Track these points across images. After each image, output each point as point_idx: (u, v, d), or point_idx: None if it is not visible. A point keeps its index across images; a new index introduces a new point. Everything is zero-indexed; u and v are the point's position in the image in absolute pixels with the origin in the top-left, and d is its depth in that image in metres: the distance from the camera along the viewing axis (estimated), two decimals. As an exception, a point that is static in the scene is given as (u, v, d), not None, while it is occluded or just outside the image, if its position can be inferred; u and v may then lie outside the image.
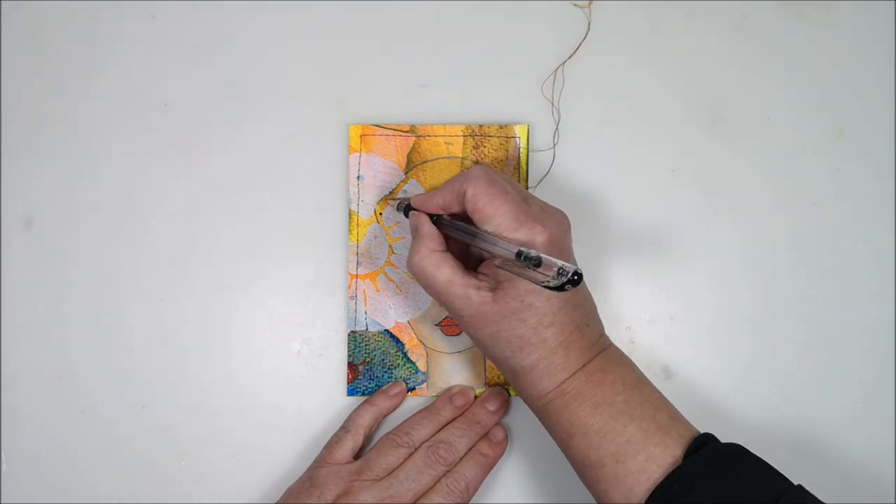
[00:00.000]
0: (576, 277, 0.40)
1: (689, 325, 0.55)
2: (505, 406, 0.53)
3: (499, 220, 0.45)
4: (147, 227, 0.54)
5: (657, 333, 0.55)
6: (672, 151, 0.55)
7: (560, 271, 0.40)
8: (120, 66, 0.54)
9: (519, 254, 0.42)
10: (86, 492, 0.53)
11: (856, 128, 0.55)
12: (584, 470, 0.45)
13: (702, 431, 0.45)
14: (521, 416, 0.54)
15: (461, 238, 0.47)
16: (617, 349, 0.48)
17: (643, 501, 0.42)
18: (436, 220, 0.48)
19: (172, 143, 0.54)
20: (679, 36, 0.55)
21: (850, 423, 0.55)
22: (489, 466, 0.51)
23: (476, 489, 0.50)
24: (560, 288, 0.40)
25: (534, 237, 0.44)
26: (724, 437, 0.47)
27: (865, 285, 0.55)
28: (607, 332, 0.49)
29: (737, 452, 0.44)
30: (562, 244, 0.46)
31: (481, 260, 0.49)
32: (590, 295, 0.48)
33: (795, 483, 0.43)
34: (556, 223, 0.46)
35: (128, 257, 0.54)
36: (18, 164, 0.54)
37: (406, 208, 0.51)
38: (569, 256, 0.47)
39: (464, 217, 0.47)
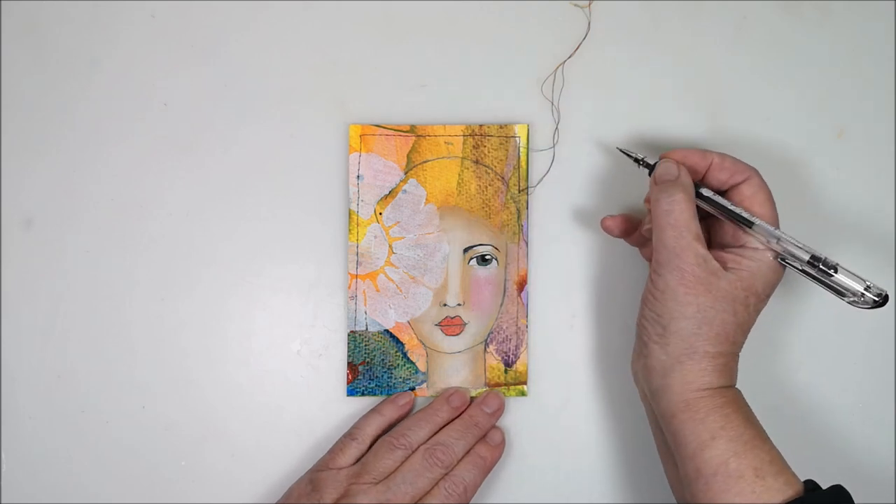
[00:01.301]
0: (878, 298, 0.40)
1: (689, 325, 0.55)
2: (502, 408, 0.53)
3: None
4: (147, 227, 0.54)
5: (657, 333, 0.55)
6: (672, 151, 0.55)
7: (868, 289, 0.40)
8: (120, 66, 0.54)
9: (815, 258, 0.42)
10: (86, 492, 0.53)
11: (856, 128, 0.55)
12: (714, 478, 0.43)
13: None
14: (519, 419, 0.54)
15: (726, 216, 0.47)
16: None
17: None
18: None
19: (172, 143, 0.54)
20: (679, 36, 0.55)
21: (850, 424, 0.55)
22: (487, 469, 0.51)
23: (474, 492, 0.50)
24: (873, 305, 0.40)
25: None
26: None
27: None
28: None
29: (845, 497, 0.44)
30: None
31: None
32: None
33: None
34: None
35: (128, 257, 0.54)
36: (18, 164, 0.54)
37: (648, 165, 0.50)
38: None
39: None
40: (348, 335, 0.54)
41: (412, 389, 0.54)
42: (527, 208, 0.54)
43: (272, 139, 0.54)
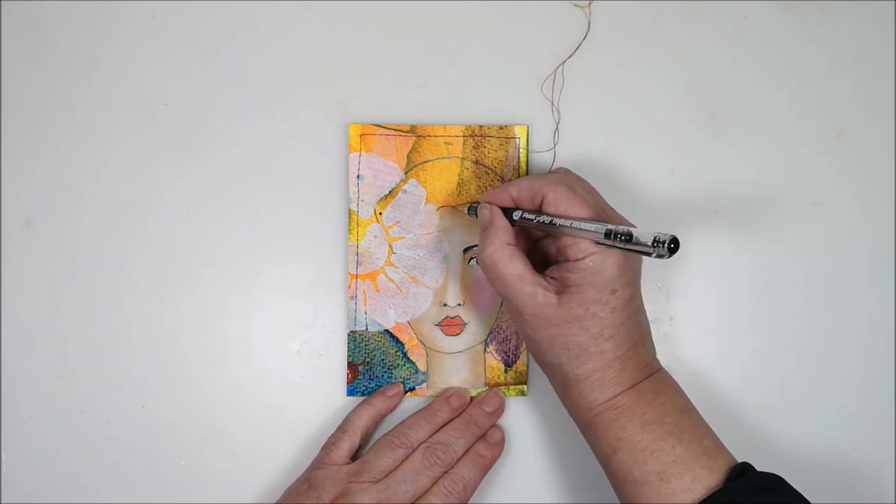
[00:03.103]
0: (672, 246, 0.40)
1: (689, 325, 0.55)
2: (502, 407, 0.53)
3: None
4: (147, 226, 0.54)
5: (657, 333, 0.54)
6: (672, 151, 0.55)
7: (655, 242, 0.40)
8: (120, 65, 0.54)
9: (608, 232, 0.43)
10: (86, 492, 0.53)
11: (856, 128, 0.55)
12: (626, 486, 0.45)
13: (740, 460, 0.46)
14: (518, 418, 0.54)
15: (540, 229, 0.47)
16: (667, 373, 0.48)
17: None
18: (509, 216, 0.48)
19: (172, 142, 0.54)
20: (679, 36, 0.55)
21: (850, 423, 0.55)
22: (487, 467, 0.51)
23: (474, 490, 0.50)
24: (669, 254, 0.40)
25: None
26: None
27: (866, 285, 0.55)
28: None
29: (777, 481, 0.44)
30: (637, 256, 0.46)
31: (546, 264, 0.48)
32: (647, 317, 0.48)
33: None
34: None
35: (128, 257, 0.54)
36: (18, 164, 0.54)
37: (471, 207, 0.52)
38: (639, 270, 0.47)
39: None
40: (348, 335, 0.54)
41: (412, 390, 0.54)
42: (527, 208, 0.54)
43: (272, 139, 0.54)
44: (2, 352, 0.53)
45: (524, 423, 0.54)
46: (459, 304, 0.54)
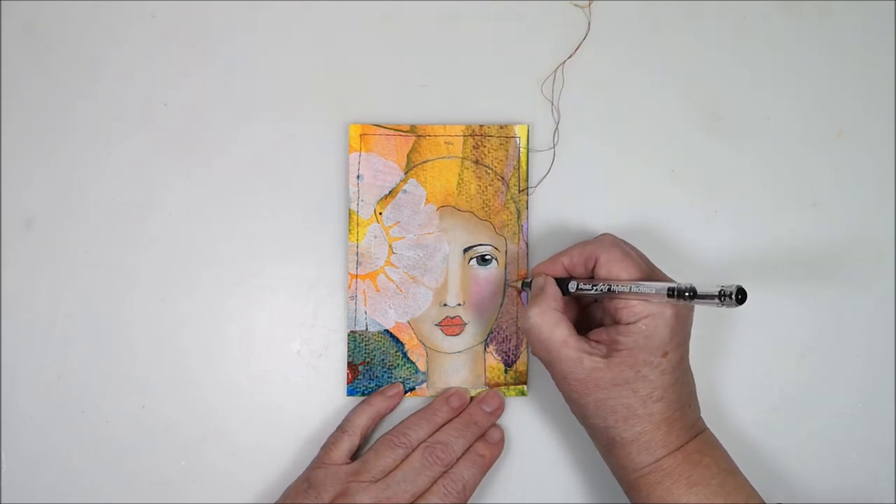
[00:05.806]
0: (740, 296, 0.41)
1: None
2: (501, 407, 0.53)
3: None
4: (147, 227, 0.54)
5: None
6: (672, 151, 0.55)
7: (721, 294, 0.41)
8: (120, 66, 0.54)
9: (671, 290, 0.43)
10: (86, 492, 0.53)
11: (856, 128, 0.55)
12: None
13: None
14: (518, 418, 0.54)
15: (597, 296, 0.47)
16: (712, 434, 0.48)
17: None
18: (563, 286, 0.48)
19: (172, 142, 0.54)
20: (679, 36, 0.55)
21: (850, 423, 0.55)
22: (486, 467, 0.51)
23: (473, 490, 0.50)
24: (737, 304, 0.41)
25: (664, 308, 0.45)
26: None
27: (866, 285, 0.55)
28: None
29: None
30: (688, 317, 0.47)
31: (590, 329, 0.48)
32: (693, 377, 0.48)
33: None
34: None
35: (128, 257, 0.54)
36: (18, 164, 0.54)
37: (525, 283, 0.52)
38: (689, 332, 0.47)
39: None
40: (348, 335, 0.54)
41: (412, 390, 0.54)
42: (527, 208, 0.54)
43: (272, 139, 0.54)
44: (2, 352, 0.53)
45: (524, 423, 0.54)
46: (459, 304, 0.54)
